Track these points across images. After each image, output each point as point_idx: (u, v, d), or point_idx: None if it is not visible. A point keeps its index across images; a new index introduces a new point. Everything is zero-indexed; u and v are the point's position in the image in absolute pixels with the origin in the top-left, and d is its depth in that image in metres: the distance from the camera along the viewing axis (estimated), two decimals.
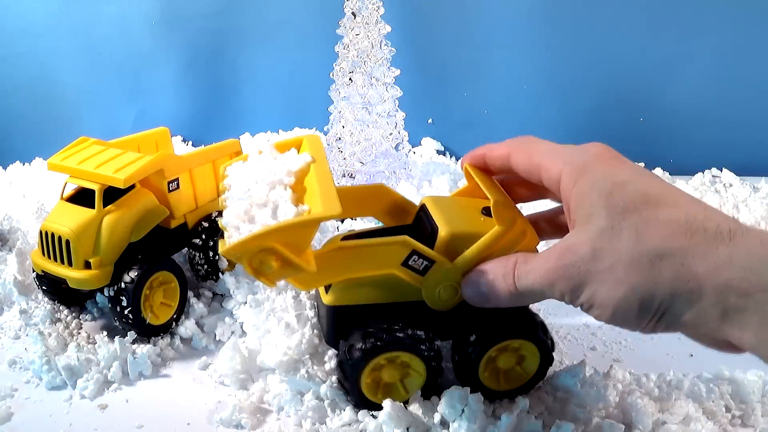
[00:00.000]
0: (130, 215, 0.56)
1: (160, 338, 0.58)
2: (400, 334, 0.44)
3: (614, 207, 0.34)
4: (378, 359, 0.44)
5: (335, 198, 0.38)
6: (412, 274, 0.44)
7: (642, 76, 0.94)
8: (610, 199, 0.34)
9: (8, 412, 0.50)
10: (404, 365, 0.46)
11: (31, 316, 0.61)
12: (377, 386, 0.46)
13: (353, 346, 0.44)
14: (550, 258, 0.36)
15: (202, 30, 1.04)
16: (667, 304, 0.32)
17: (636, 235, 0.33)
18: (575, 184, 0.36)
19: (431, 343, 0.45)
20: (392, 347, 0.44)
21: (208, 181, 0.65)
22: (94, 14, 1.02)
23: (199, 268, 0.64)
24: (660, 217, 0.33)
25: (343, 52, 0.81)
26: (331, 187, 0.40)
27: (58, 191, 0.59)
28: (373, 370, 0.45)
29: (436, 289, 0.44)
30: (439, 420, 0.45)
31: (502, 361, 0.47)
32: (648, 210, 0.33)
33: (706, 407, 0.46)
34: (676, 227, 0.32)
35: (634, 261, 0.33)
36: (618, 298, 0.33)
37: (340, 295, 0.45)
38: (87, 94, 1.08)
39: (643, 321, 0.34)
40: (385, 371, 0.45)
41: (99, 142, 0.61)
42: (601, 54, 0.94)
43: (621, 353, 0.55)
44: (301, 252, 0.38)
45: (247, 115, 1.09)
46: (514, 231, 0.43)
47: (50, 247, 0.56)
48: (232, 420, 0.48)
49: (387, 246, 0.43)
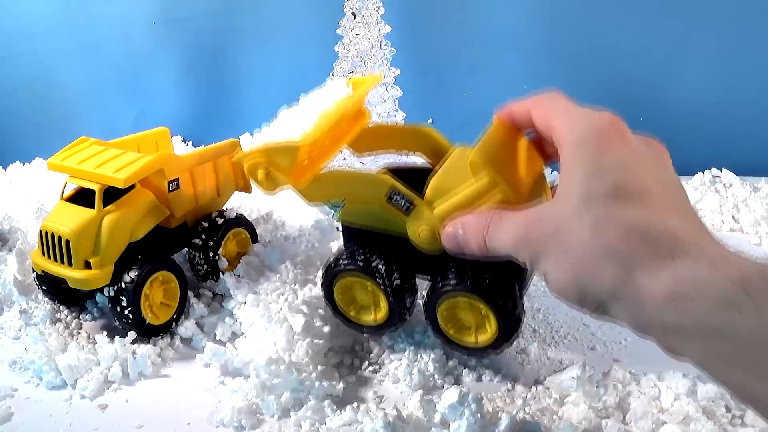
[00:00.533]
0: (130, 215, 0.56)
1: (160, 338, 0.58)
2: (360, 261, 0.50)
3: (588, 193, 0.34)
4: (345, 279, 0.51)
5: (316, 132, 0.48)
6: (396, 211, 0.47)
7: (642, 75, 0.94)
8: (588, 184, 0.34)
9: (8, 412, 0.50)
10: (374, 293, 0.51)
11: (31, 316, 0.61)
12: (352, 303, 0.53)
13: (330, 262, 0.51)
14: (521, 226, 0.37)
15: (202, 30, 1.04)
16: (607, 305, 0.33)
17: (595, 229, 0.33)
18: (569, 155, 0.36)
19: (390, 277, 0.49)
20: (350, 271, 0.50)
21: (208, 181, 0.65)
22: (94, 14, 1.02)
23: (199, 268, 0.64)
24: (624, 215, 0.33)
25: (343, 52, 0.81)
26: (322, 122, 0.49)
27: (58, 191, 0.59)
28: (346, 288, 0.52)
29: (417, 230, 0.47)
30: (440, 420, 0.45)
31: (464, 316, 0.49)
32: (616, 206, 0.33)
33: (706, 407, 0.46)
34: (634, 232, 0.32)
35: (586, 255, 0.33)
36: (563, 282, 0.34)
37: (346, 215, 0.51)
38: (87, 94, 1.07)
39: (582, 308, 0.35)
40: (357, 292, 0.52)
41: (99, 142, 0.61)
42: (600, 54, 0.94)
43: (621, 353, 0.55)
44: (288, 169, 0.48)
45: (247, 115, 1.09)
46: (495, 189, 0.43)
47: (50, 247, 0.56)
48: (232, 420, 0.48)
49: (370, 179, 0.49)
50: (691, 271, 0.31)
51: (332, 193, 0.51)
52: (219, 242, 0.64)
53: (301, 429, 0.47)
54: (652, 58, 0.93)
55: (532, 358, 0.54)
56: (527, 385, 0.51)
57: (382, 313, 0.51)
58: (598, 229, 0.33)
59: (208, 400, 0.51)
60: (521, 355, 0.55)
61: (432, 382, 0.51)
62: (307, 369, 0.51)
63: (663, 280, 0.31)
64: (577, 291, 0.34)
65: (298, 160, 0.48)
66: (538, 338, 0.57)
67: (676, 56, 0.93)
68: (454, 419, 0.44)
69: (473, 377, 0.52)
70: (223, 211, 0.66)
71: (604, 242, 0.33)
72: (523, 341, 0.56)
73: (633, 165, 0.35)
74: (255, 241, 0.68)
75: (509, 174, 0.43)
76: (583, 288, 0.34)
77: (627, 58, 0.94)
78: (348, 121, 0.56)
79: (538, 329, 0.58)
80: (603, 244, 0.33)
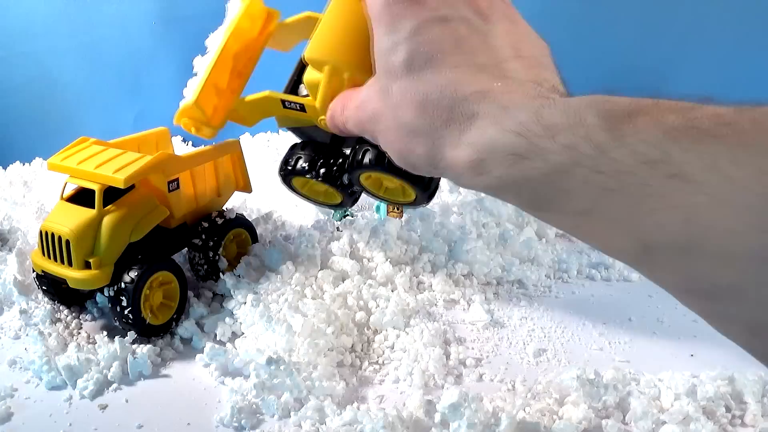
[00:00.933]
0: (130, 215, 0.56)
1: (160, 338, 0.58)
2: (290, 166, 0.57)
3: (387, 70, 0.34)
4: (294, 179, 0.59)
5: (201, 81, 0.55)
6: (296, 113, 0.52)
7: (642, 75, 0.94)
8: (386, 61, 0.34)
9: (8, 412, 0.50)
10: None
11: (31, 316, 0.61)
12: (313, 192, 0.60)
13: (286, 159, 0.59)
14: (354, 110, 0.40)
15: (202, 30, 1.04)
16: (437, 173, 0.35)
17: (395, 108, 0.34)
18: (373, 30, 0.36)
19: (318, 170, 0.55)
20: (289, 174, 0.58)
21: (208, 181, 0.65)
22: (94, 14, 1.02)
23: (199, 269, 0.64)
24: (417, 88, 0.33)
25: None
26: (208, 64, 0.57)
27: (58, 191, 0.59)
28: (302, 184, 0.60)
29: (319, 122, 0.50)
30: (440, 420, 0.45)
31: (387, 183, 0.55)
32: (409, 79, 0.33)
33: (706, 407, 0.46)
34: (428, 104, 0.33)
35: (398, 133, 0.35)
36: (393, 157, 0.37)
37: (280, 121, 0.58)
38: (87, 94, 1.07)
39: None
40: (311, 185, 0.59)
41: (99, 142, 0.61)
42: (600, 54, 0.94)
43: (621, 353, 0.55)
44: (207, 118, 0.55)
45: None
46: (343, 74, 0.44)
47: (50, 247, 0.56)
48: (232, 420, 0.48)
49: (260, 99, 0.55)
50: (482, 134, 0.31)
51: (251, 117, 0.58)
52: (219, 242, 0.64)
53: (301, 429, 0.47)
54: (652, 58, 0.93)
55: (532, 358, 0.54)
56: (527, 385, 0.51)
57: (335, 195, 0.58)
58: (398, 107, 0.34)
59: (208, 400, 0.51)
60: (521, 355, 0.55)
61: (432, 382, 0.52)
62: (307, 369, 0.51)
63: (463, 150, 0.31)
64: (405, 164, 0.36)
65: (208, 106, 0.54)
66: (538, 338, 0.57)
67: (677, 56, 0.93)
68: (454, 419, 0.44)
69: (473, 377, 0.52)
70: (223, 212, 0.66)
71: (405, 120, 0.34)
72: (523, 341, 0.56)
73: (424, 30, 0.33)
74: (255, 241, 0.68)
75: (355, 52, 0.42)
76: (408, 162, 0.36)
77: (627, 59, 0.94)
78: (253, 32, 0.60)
79: (538, 329, 0.58)
80: (405, 123, 0.34)
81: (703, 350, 0.55)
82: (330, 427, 0.46)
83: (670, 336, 0.57)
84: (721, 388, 0.48)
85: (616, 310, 0.61)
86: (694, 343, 0.56)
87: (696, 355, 0.54)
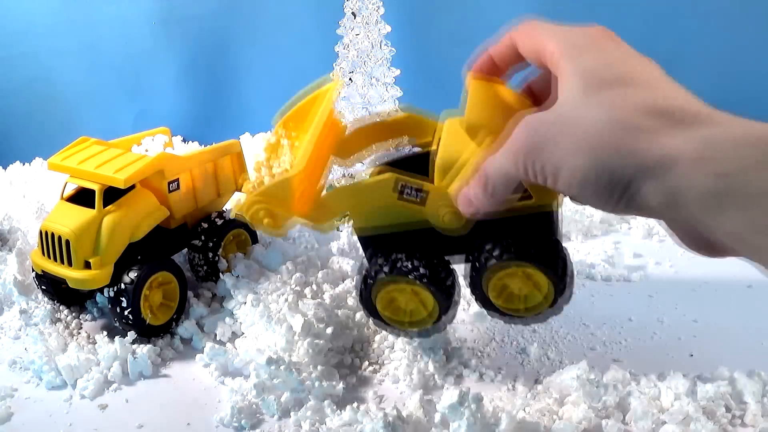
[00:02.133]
0: (130, 216, 0.56)
1: (160, 338, 0.58)
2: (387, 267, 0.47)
3: (591, 83, 0.33)
4: (382, 292, 0.48)
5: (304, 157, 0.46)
6: (411, 205, 0.46)
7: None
8: (589, 76, 0.33)
9: (8, 412, 0.50)
10: (414, 291, 0.48)
11: (31, 316, 0.61)
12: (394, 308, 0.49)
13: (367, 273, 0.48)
14: (517, 138, 0.35)
15: (202, 30, 1.04)
16: (634, 179, 0.30)
17: (608, 108, 0.31)
18: (565, 64, 0.35)
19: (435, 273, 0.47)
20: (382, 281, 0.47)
21: (208, 182, 0.65)
22: (94, 14, 1.02)
23: (198, 269, 0.64)
24: (637, 94, 0.32)
25: (343, 52, 0.81)
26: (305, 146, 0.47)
27: (58, 191, 0.59)
28: (388, 300, 0.48)
29: (440, 215, 0.45)
30: (440, 420, 0.45)
31: (513, 284, 0.46)
32: (626, 87, 0.32)
33: (706, 407, 0.46)
34: (652, 106, 0.31)
35: (602, 131, 0.31)
36: (582, 169, 0.32)
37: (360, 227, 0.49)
38: (87, 94, 1.08)
39: (608, 196, 0.32)
40: (400, 299, 0.48)
41: (99, 142, 0.61)
42: None
43: (621, 353, 0.55)
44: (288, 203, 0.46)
45: (247, 115, 1.09)
46: None
47: (50, 247, 0.56)
48: (232, 420, 0.48)
49: (376, 183, 0.46)
50: (715, 134, 0.29)
51: (340, 211, 0.48)
52: (219, 243, 0.64)
53: (301, 429, 0.47)
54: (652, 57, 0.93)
55: (532, 358, 0.54)
56: (527, 385, 0.51)
57: (431, 306, 0.48)
58: (612, 108, 0.31)
59: (208, 400, 0.51)
60: (521, 355, 0.55)
61: (432, 382, 0.51)
62: (307, 369, 0.51)
63: (690, 141, 0.29)
64: (602, 174, 0.31)
65: (295, 191, 0.47)
66: (538, 338, 0.57)
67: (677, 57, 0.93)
68: (454, 419, 0.44)
69: (473, 377, 0.52)
70: (223, 212, 0.66)
71: (620, 117, 0.31)
72: (523, 341, 0.56)
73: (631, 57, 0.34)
74: (255, 242, 0.68)
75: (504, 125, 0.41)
76: (608, 168, 0.31)
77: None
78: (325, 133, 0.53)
79: (538, 329, 0.58)
80: (619, 119, 0.31)
81: (703, 350, 0.54)
82: (330, 427, 0.46)
83: (670, 336, 0.57)
84: (721, 388, 0.47)
85: (616, 310, 0.60)
86: (694, 343, 0.56)
87: (696, 355, 0.54)
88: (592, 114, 0.32)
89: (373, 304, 0.49)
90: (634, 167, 0.30)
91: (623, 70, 0.33)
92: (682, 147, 0.29)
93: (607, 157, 0.31)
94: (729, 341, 0.55)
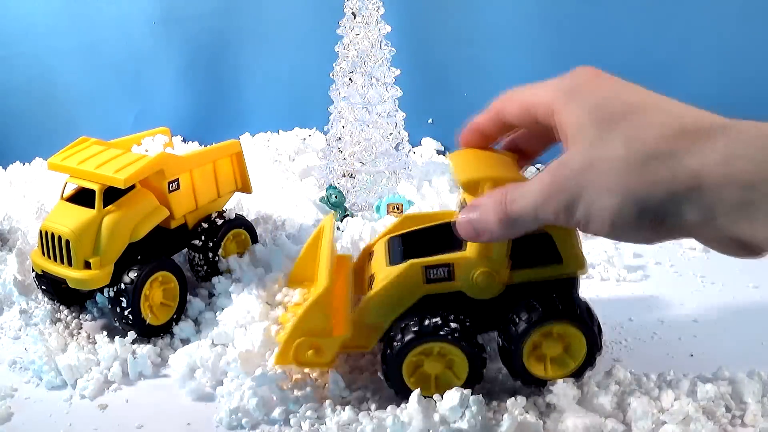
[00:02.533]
0: (130, 215, 0.56)
1: (160, 338, 0.58)
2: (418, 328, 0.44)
3: (601, 119, 0.33)
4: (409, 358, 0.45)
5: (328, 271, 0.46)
6: (442, 285, 0.45)
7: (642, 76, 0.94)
8: (597, 113, 0.33)
9: (8, 412, 0.50)
10: (444, 356, 0.46)
11: (31, 316, 0.61)
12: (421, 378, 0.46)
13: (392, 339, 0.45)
14: (544, 177, 0.35)
15: (202, 30, 1.04)
16: (667, 206, 0.31)
17: (626, 141, 0.32)
18: (564, 106, 0.35)
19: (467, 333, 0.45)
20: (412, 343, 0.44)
21: (209, 182, 0.65)
22: (94, 14, 1.02)
23: (198, 269, 0.64)
24: (649, 121, 0.32)
25: (343, 52, 0.81)
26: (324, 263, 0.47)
27: (58, 191, 0.59)
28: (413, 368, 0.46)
29: (472, 282, 0.45)
30: (440, 420, 0.45)
31: (548, 348, 0.46)
32: (636, 116, 0.33)
33: (706, 407, 0.46)
34: (667, 129, 0.31)
35: (627, 166, 0.32)
36: (614, 207, 0.32)
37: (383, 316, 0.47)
38: (87, 94, 1.07)
39: (643, 229, 0.32)
40: (428, 365, 0.46)
41: (99, 142, 0.61)
42: (600, 54, 0.94)
43: (621, 353, 0.55)
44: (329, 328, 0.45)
45: (247, 115, 1.09)
46: None
47: (50, 247, 0.56)
48: (231, 420, 0.48)
49: (400, 279, 0.45)
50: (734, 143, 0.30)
51: (377, 320, 0.46)
52: (219, 243, 0.64)
53: (301, 429, 0.47)
54: (652, 58, 0.93)
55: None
56: (528, 386, 0.51)
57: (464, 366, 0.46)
58: (630, 139, 0.32)
59: (208, 400, 0.51)
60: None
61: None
62: (307, 369, 0.51)
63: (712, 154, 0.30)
64: (634, 207, 0.32)
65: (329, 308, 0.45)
66: None
67: (677, 57, 0.93)
68: (454, 419, 0.44)
69: None
70: (223, 212, 0.66)
71: (643, 147, 0.31)
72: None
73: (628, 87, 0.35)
74: (255, 242, 0.68)
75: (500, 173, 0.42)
76: (640, 200, 0.32)
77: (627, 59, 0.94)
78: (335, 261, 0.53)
79: None
80: (642, 149, 0.31)
81: (703, 350, 0.54)
82: (330, 427, 0.46)
83: (670, 336, 0.57)
84: (721, 388, 0.47)
85: (616, 310, 0.60)
86: (694, 343, 0.56)
87: (696, 355, 0.54)
88: (612, 151, 0.32)
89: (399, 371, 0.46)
90: (665, 195, 0.31)
91: (626, 100, 0.34)
92: (705, 163, 0.30)
93: (637, 191, 0.31)
94: (729, 341, 0.56)
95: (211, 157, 0.65)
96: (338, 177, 0.84)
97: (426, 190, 0.84)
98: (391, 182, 0.83)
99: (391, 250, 0.49)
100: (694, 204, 0.30)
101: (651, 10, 0.91)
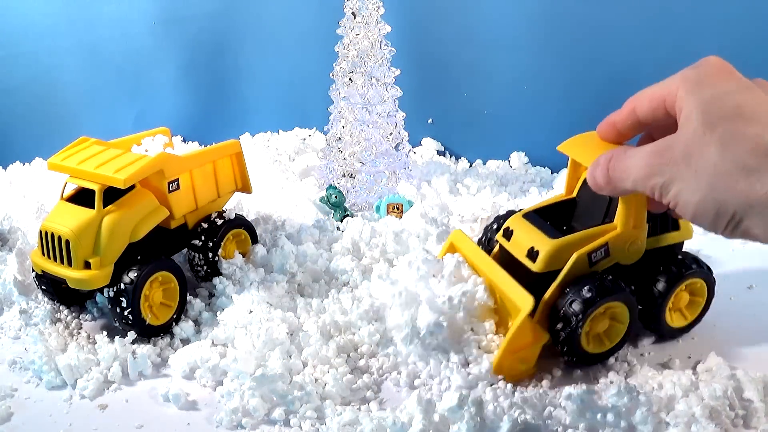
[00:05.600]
0: (130, 215, 0.56)
1: (160, 338, 0.58)
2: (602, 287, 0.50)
3: (709, 115, 0.36)
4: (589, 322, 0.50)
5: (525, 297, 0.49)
6: (603, 263, 0.51)
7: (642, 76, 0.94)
8: (708, 107, 0.37)
9: (8, 412, 0.50)
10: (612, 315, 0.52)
11: (31, 316, 0.61)
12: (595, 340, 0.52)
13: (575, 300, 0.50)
14: (651, 155, 0.39)
15: (202, 30, 1.04)
16: (741, 216, 0.35)
17: (722, 147, 0.35)
18: (685, 94, 0.38)
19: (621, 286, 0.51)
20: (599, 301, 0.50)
21: (208, 182, 0.65)
22: (94, 14, 1.02)
23: (198, 269, 0.64)
24: (747, 132, 0.35)
25: (343, 52, 0.81)
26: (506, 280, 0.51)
27: (58, 191, 0.59)
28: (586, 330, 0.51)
29: (626, 253, 0.52)
30: (439, 421, 0.45)
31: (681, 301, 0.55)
32: (738, 123, 0.35)
33: (708, 407, 0.46)
34: (758, 145, 0.34)
35: (715, 171, 0.35)
36: (697, 203, 0.36)
37: None
38: (87, 94, 1.07)
39: (718, 227, 0.36)
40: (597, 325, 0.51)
41: (99, 142, 0.61)
42: (601, 54, 0.94)
43: (621, 353, 0.55)
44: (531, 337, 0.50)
45: (247, 115, 1.09)
46: None
47: (50, 247, 0.56)
48: (231, 420, 0.48)
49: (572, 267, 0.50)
50: None
51: None
52: (218, 243, 0.64)
53: (301, 429, 0.47)
54: (652, 58, 0.93)
55: None
56: (527, 386, 0.51)
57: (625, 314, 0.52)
58: (726, 147, 0.35)
59: (208, 400, 0.51)
60: None
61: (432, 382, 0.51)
62: (308, 369, 0.51)
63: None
64: (712, 209, 0.36)
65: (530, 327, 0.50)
66: None
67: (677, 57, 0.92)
68: (454, 421, 0.44)
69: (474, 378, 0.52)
70: (223, 212, 0.66)
71: (734, 158, 0.35)
72: None
73: (747, 89, 0.37)
74: (255, 242, 0.68)
75: None
76: (719, 204, 0.35)
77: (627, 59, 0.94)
78: None
79: None
80: (733, 161, 0.35)
81: (703, 350, 0.54)
82: (330, 427, 0.46)
83: (670, 336, 0.57)
84: (722, 388, 0.47)
85: None
86: (694, 344, 0.56)
87: (696, 355, 0.54)
88: (709, 151, 0.36)
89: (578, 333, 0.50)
90: (741, 203, 0.35)
91: (738, 102, 0.36)
92: None
93: (719, 194, 0.35)
94: (730, 341, 0.56)
95: (211, 157, 0.65)
96: (338, 177, 0.84)
97: (426, 190, 0.84)
98: (391, 182, 0.83)
99: (539, 226, 0.54)
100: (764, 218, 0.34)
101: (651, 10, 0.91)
